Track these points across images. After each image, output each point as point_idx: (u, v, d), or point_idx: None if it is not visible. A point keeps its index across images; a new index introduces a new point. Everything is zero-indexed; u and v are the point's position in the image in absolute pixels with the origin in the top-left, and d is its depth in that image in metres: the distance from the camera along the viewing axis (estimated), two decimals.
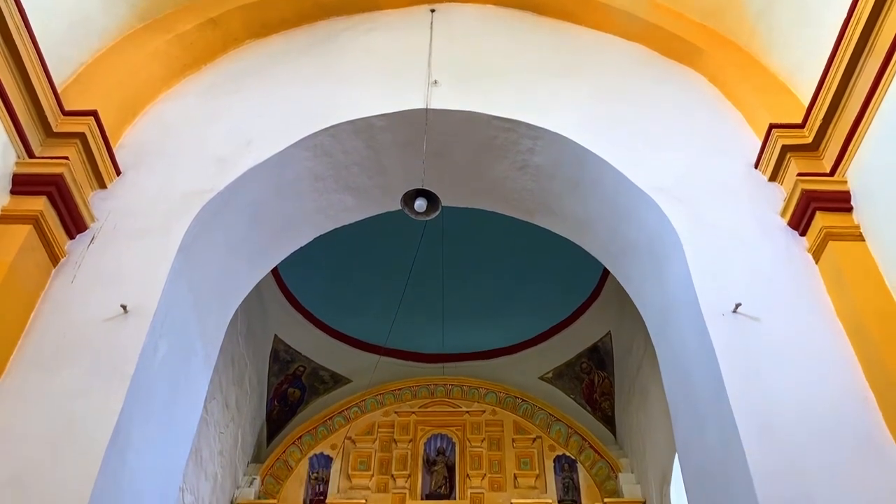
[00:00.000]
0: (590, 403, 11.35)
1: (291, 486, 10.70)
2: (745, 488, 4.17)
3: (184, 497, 8.15)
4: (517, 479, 10.65)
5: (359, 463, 10.91)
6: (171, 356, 5.37)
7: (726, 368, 4.60)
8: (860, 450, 4.26)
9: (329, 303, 11.29)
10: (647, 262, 6.02)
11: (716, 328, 4.83)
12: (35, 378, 4.70)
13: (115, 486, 4.47)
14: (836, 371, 4.62)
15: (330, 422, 11.34)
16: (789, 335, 4.79)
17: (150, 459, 5.01)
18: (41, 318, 5.02)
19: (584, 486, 10.58)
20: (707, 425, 4.83)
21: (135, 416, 4.74)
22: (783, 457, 4.20)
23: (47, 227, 5.13)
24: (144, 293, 5.14)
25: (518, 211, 6.94)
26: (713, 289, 5.07)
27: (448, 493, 10.67)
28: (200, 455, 8.71)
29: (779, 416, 4.37)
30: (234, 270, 6.37)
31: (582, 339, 11.18)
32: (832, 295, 5.02)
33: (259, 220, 6.32)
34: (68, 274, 5.28)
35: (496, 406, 11.54)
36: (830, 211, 5.19)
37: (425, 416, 11.49)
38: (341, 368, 11.67)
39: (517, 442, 11.09)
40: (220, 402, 9.31)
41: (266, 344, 10.85)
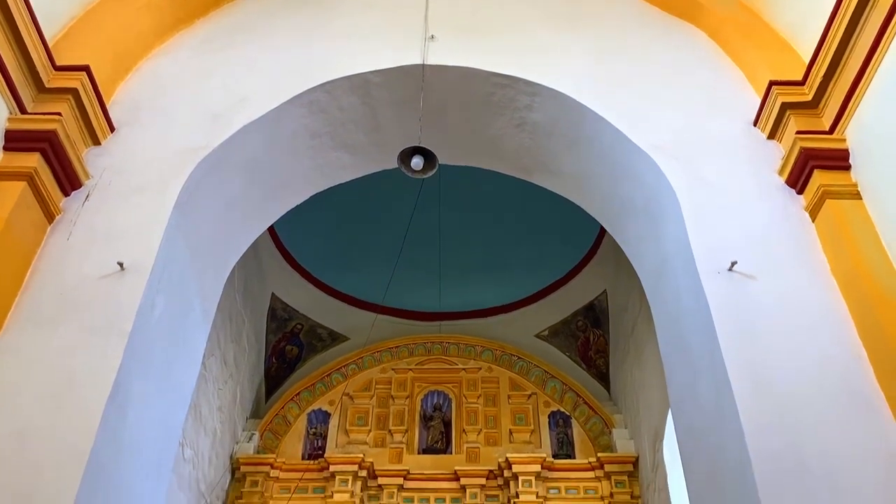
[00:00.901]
0: (585, 361, 11.47)
1: (290, 441, 10.87)
2: (736, 443, 4.24)
3: (183, 452, 8.27)
4: (512, 434, 10.82)
5: (356, 418, 11.06)
6: (169, 313, 5.39)
7: (721, 326, 4.64)
8: (852, 406, 4.32)
9: (326, 261, 11.30)
10: (644, 220, 6.02)
11: (711, 286, 4.85)
12: (33, 335, 4.72)
13: (115, 441, 4.53)
14: (830, 329, 4.66)
15: (328, 378, 11.46)
16: (784, 293, 4.82)
17: (149, 415, 5.06)
18: (38, 275, 5.03)
19: (578, 442, 10.75)
20: (701, 382, 4.89)
21: (133, 372, 4.78)
22: (775, 413, 4.26)
23: (42, 184, 5.10)
24: (141, 250, 5.14)
25: (515, 169, 6.91)
26: (709, 247, 5.08)
27: (444, 447, 10.84)
28: (199, 411, 8.82)
29: (772, 373, 4.42)
30: (230, 228, 6.36)
31: (578, 297, 11.24)
32: (828, 253, 5.03)
33: (255, 177, 6.29)
34: (64, 231, 5.27)
35: (492, 363, 11.66)
36: (828, 169, 5.17)
37: (422, 374, 11.62)
38: (339, 326, 11.74)
39: (512, 398, 11.24)
40: (219, 358, 9.38)
41: (263, 302, 10.89)
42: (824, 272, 4.98)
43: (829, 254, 5.04)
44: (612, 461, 10.04)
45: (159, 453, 5.32)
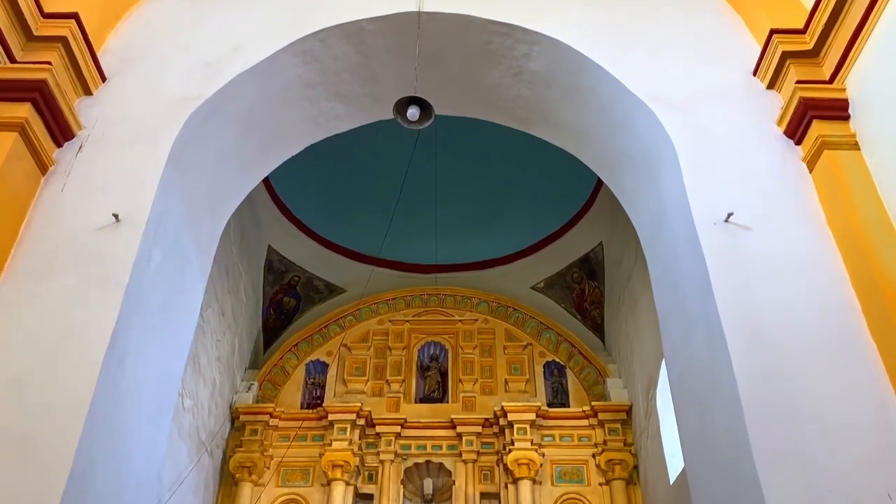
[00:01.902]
0: (580, 312, 11.56)
1: (289, 390, 11.01)
2: (729, 391, 4.31)
3: (183, 402, 8.38)
4: (508, 383, 10.97)
5: (354, 369, 11.19)
6: (166, 265, 5.40)
7: (715, 276, 4.67)
8: (844, 356, 4.38)
9: (322, 214, 11.27)
10: (641, 171, 6.00)
11: (707, 237, 4.87)
12: (30, 287, 4.74)
13: (114, 391, 4.59)
14: (824, 279, 4.70)
15: (325, 330, 11.55)
16: (779, 244, 4.84)
17: (148, 365, 5.12)
18: (33, 227, 5.02)
19: (573, 391, 10.91)
20: (694, 331, 4.94)
21: (132, 323, 4.81)
22: (768, 361, 4.32)
23: (33, 134, 5.05)
24: (135, 202, 5.12)
25: (513, 120, 6.84)
26: (706, 198, 5.08)
27: (441, 396, 11.00)
28: (198, 361, 8.90)
29: (765, 323, 4.47)
30: (225, 180, 6.32)
31: (574, 249, 11.26)
32: (824, 204, 5.04)
33: (249, 128, 6.23)
34: (58, 183, 5.24)
35: (488, 315, 11.75)
36: (827, 119, 5.14)
37: (419, 325, 11.71)
38: (335, 278, 11.78)
39: (508, 349, 11.36)
40: (217, 310, 9.43)
41: (260, 254, 10.90)
42: (820, 223, 4.99)
43: (825, 205, 5.05)
44: (605, 409, 10.21)
45: (159, 402, 5.39)
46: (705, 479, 4.79)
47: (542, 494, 9.70)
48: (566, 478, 9.92)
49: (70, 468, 4.02)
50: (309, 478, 9.99)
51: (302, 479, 9.99)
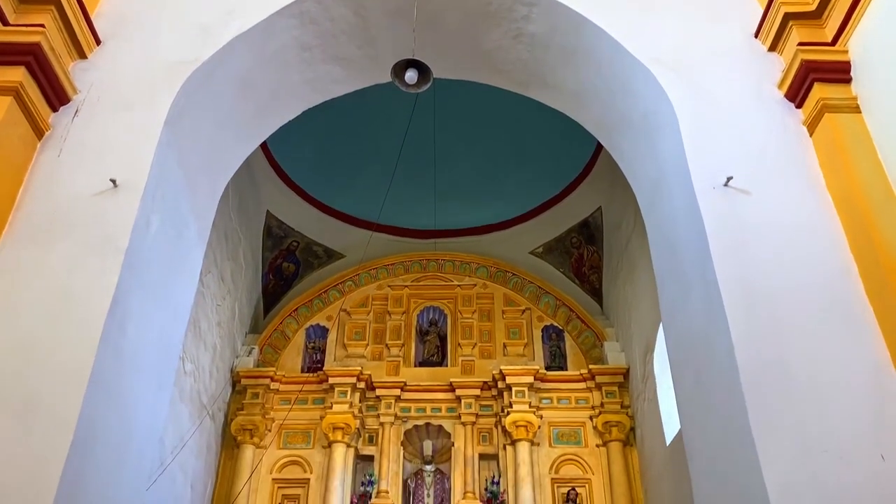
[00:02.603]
0: (578, 276, 11.59)
1: (289, 355, 11.10)
2: (725, 353, 4.35)
3: (184, 366, 8.45)
4: (506, 347, 11.05)
5: (354, 333, 11.26)
6: (164, 230, 5.40)
7: (714, 240, 4.68)
8: (840, 320, 4.41)
9: (321, 179, 11.22)
10: (641, 134, 5.97)
11: (706, 201, 4.87)
12: (29, 252, 4.74)
13: (116, 355, 4.62)
14: (822, 243, 4.71)
15: (325, 295, 11.59)
16: (778, 208, 4.85)
17: (149, 330, 5.15)
18: (30, 192, 5.01)
19: (571, 354, 11.01)
20: (692, 294, 4.97)
21: (131, 288, 4.82)
22: (764, 325, 4.35)
23: (28, 98, 5.01)
24: (133, 167, 5.11)
25: (512, 83, 6.78)
26: (705, 162, 5.07)
27: (440, 360, 11.10)
28: (199, 326, 8.95)
29: (763, 287, 4.49)
30: (222, 144, 6.29)
31: (573, 214, 11.25)
32: (824, 168, 5.03)
33: (246, 92, 6.17)
34: (54, 148, 5.22)
35: (487, 280, 11.79)
36: (829, 82, 5.10)
37: (418, 290, 11.76)
38: (334, 244, 11.78)
39: (507, 313, 11.42)
40: (216, 275, 9.46)
41: (258, 219, 10.89)
42: (819, 187, 4.99)
43: (825, 169, 5.04)
44: (603, 373, 10.31)
45: (160, 366, 5.44)
46: (701, 441, 4.86)
47: (539, 456, 9.85)
48: (563, 439, 10.06)
49: (73, 432, 4.07)
50: (310, 440, 10.13)
51: (303, 442, 10.13)
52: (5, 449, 4.00)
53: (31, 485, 3.90)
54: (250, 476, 9.53)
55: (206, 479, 9.36)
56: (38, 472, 3.94)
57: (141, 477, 5.16)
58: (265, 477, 9.79)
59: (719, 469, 4.50)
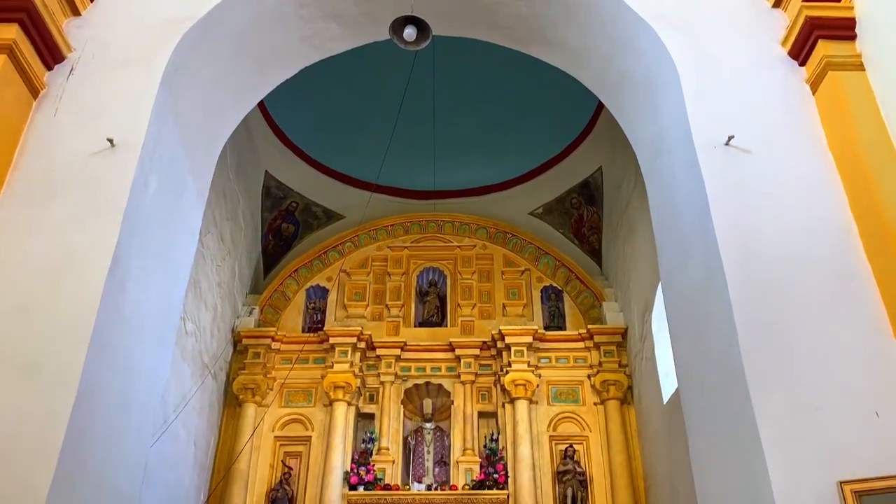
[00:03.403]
0: (578, 237, 11.59)
1: (290, 315, 11.15)
2: (724, 313, 4.37)
3: (185, 326, 8.50)
4: (505, 308, 11.11)
5: (354, 294, 11.30)
6: (163, 190, 5.38)
7: (714, 199, 4.67)
8: (838, 279, 4.43)
9: (319, 139, 11.13)
10: (642, 93, 5.91)
11: (707, 160, 4.85)
12: (28, 213, 4.74)
13: (117, 315, 4.64)
14: (823, 203, 4.70)
15: (324, 256, 11.61)
16: (779, 168, 4.82)
17: (149, 290, 5.17)
18: (27, 152, 4.98)
19: (570, 315, 11.06)
20: (692, 254, 4.98)
21: (131, 248, 4.83)
22: (763, 284, 4.37)
23: (22, 56, 4.95)
24: (130, 127, 5.07)
25: (512, 41, 6.68)
26: (707, 120, 5.03)
27: (440, 321, 11.16)
28: (199, 287, 8.98)
29: (762, 246, 4.50)
30: (220, 103, 6.23)
31: (573, 174, 11.19)
32: (826, 127, 4.99)
33: (243, 49, 6.09)
34: (50, 107, 5.17)
35: (486, 241, 11.79)
36: (833, 39, 5.04)
37: (417, 251, 11.76)
38: (334, 204, 11.75)
39: (506, 274, 11.45)
40: (216, 236, 9.45)
41: (257, 180, 10.84)
42: (821, 146, 4.96)
43: (827, 128, 5.00)
44: (601, 332, 10.38)
45: (161, 326, 5.47)
46: (698, 398, 4.91)
47: (538, 413, 9.97)
48: (562, 398, 10.18)
49: (76, 391, 4.11)
50: (311, 398, 10.24)
51: (305, 400, 10.24)
52: (10, 408, 4.04)
53: (37, 442, 3.96)
54: (252, 434, 9.66)
55: (208, 436, 9.49)
56: (43, 430, 3.99)
57: (144, 434, 5.23)
58: (267, 434, 9.92)
59: (715, 426, 4.56)
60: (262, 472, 9.68)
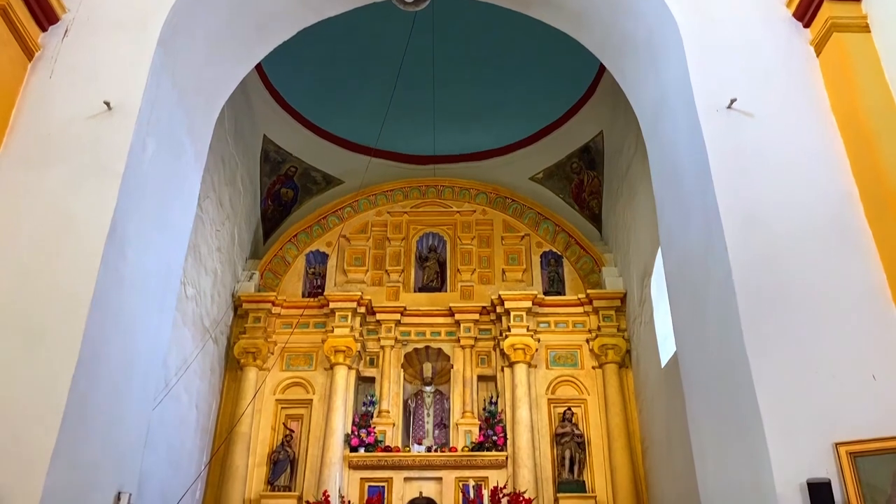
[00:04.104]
0: (578, 202, 11.56)
1: (290, 280, 11.17)
2: (723, 277, 4.38)
3: (185, 290, 8.51)
4: (505, 273, 11.12)
5: (354, 259, 11.30)
6: (161, 154, 5.35)
7: (715, 163, 4.65)
8: (839, 242, 4.43)
9: (317, 102, 11.02)
10: (644, 55, 5.84)
11: (709, 123, 4.81)
12: (25, 176, 4.72)
13: (117, 279, 4.65)
14: (824, 166, 4.68)
15: (324, 221, 11.58)
16: (781, 131, 4.79)
17: (149, 254, 5.16)
18: (23, 115, 4.94)
19: (569, 280, 11.08)
20: (692, 218, 4.97)
21: (130, 212, 4.81)
22: (763, 247, 4.37)
23: (16, 17, 4.88)
24: (126, 89, 5.02)
25: (513, 2, 6.58)
26: (709, 83, 4.98)
27: (440, 286, 11.18)
28: (199, 251, 8.98)
29: (763, 210, 4.49)
30: (217, 65, 6.16)
31: (574, 139, 11.12)
32: (830, 89, 4.94)
33: (240, 11, 6.00)
34: (45, 69, 5.12)
35: (486, 206, 11.75)
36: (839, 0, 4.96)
37: (417, 216, 11.74)
38: (333, 169, 11.69)
39: (506, 239, 11.44)
40: (214, 200, 9.42)
41: (255, 144, 10.76)
42: (824, 109, 4.92)
43: (830, 90, 4.95)
44: (600, 297, 10.41)
45: (162, 290, 5.48)
46: (696, 361, 4.95)
47: (536, 377, 10.05)
48: (560, 362, 10.25)
49: (77, 355, 4.14)
50: (312, 362, 10.32)
51: (305, 364, 10.32)
52: (13, 372, 4.07)
53: (41, 405, 4.00)
54: (254, 397, 9.75)
55: (210, 399, 9.58)
56: (47, 393, 4.03)
57: (146, 397, 5.28)
58: (268, 398, 10.01)
59: (713, 389, 4.61)
60: (264, 434, 9.79)
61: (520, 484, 9.07)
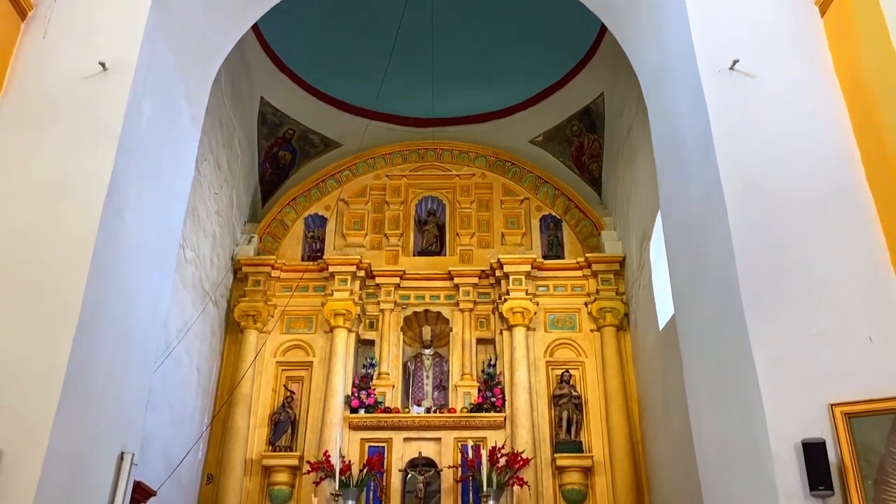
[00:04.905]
0: (578, 166, 11.50)
1: (289, 243, 11.16)
2: (722, 240, 4.38)
3: (185, 254, 8.51)
4: (504, 237, 11.11)
5: (353, 223, 11.29)
6: (158, 116, 5.30)
7: (717, 126, 4.62)
8: (839, 205, 4.42)
9: (315, 64, 10.87)
10: (646, 15, 5.76)
11: (710, 85, 4.77)
12: (21, 138, 4.69)
13: (115, 241, 4.64)
14: (826, 128, 4.65)
15: (322, 184, 11.53)
16: (784, 92, 4.75)
17: (147, 216, 5.16)
18: (17, 76, 4.89)
19: (568, 243, 11.08)
20: (692, 181, 4.95)
21: (127, 174, 4.79)
22: (763, 210, 4.37)
23: None
24: (122, 50, 4.96)
25: None
26: (712, 44, 4.93)
27: (439, 250, 11.18)
28: (197, 214, 8.96)
29: (763, 172, 4.47)
30: (213, 25, 6.07)
31: (574, 101, 11.00)
32: (833, 50, 4.89)
33: None
34: (38, 29, 5.05)
35: (486, 169, 11.69)
36: None
37: (416, 180, 11.68)
38: (331, 132, 11.59)
39: (505, 203, 11.41)
40: (212, 163, 9.37)
41: (253, 106, 10.66)
42: (827, 70, 4.87)
43: (834, 51, 4.90)
44: (599, 261, 10.42)
45: (161, 253, 5.49)
46: (694, 324, 4.98)
47: (535, 340, 10.11)
48: (559, 325, 10.30)
49: (77, 317, 4.15)
50: (312, 325, 10.36)
51: (305, 327, 10.36)
52: (14, 336, 4.09)
53: (42, 368, 4.02)
54: (254, 359, 9.81)
55: (211, 362, 9.64)
56: (47, 356, 4.05)
57: (147, 359, 5.32)
58: (269, 360, 10.08)
59: (710, 350, 4.64)
60: (265, 396, 9.88)
61: (518, 444, 9.19)
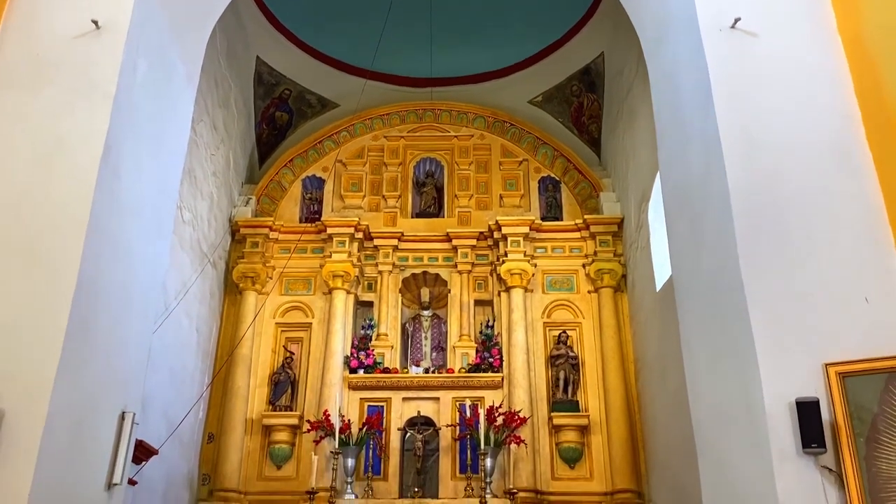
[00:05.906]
0: (577, 126, 11.42)
1: (286, 205, 11.13)
2: (721, 199, 4.38)
3: (182, 215, 8.49)
4: (503, 199, 11.08)
5: (350, 184, 11.24)
6: (152, 75, 5.24)
7: (717, 85, 4.58)
8: (837, 166, 4.41)
9: (312, 22, 10.71)
10: None
11: (711, 44, 4.71)
12: (15, 99, 4.64)
13: (112, 203, 4.63)
14: (827, 88, 4.61)
15: (320, 145, 11.45)
16: (785, 51, 4.70)
17: (144, 177, 5.13)
18: (9, 34, 4.82)
19: (566, 205, 11.06)
20: (691, 142, 4.92)
21: (123, 134, 4.75)
22: (762, 171, 4.35)
23: None
24: (115, 7, 4.89)
25: None
26: (713, 2, 4.86)
27: (437, 212, 11.16)
28: (194, 175, 8.91)
29: (763, 133, 4.44)
30: None
31: (573, 60, 10.87)
32: (836, 9, 4.82)
33: None
34: None
35: (484, 130, 11.60)
36: None
37: (414, 141, 11.60)
38: (328, 92, 11.47)
39: (504, 164, 11.35)
40: (208, 124, 9.29)
41: (249, 66, 10.53)
42: (830, 29, 4.81)
43: (837, 9, 4.83)
44: (597, 222, 10.42)
45: (159, 214, 5.48)
46: (691, 285, 5.00)
47: (532, 301, 10.16)
48: (556, 286, 10.34)
49: (76, 279, 4.16)
50: (311, 287, 10.39)
51: (304, 288, 10.40)
52: (13, 296, 4.10)
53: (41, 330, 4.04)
54: (253, 320, 9.86)
55: (210, 323, 9.69)
56: (47, 318, 4.06)
57: (146, 321, 5.34)
58: (268, 321, 10.13)
59: (707, 311, 4.67)
60: (265, 356, 9.95)
61: (515, 403, 9.30)
